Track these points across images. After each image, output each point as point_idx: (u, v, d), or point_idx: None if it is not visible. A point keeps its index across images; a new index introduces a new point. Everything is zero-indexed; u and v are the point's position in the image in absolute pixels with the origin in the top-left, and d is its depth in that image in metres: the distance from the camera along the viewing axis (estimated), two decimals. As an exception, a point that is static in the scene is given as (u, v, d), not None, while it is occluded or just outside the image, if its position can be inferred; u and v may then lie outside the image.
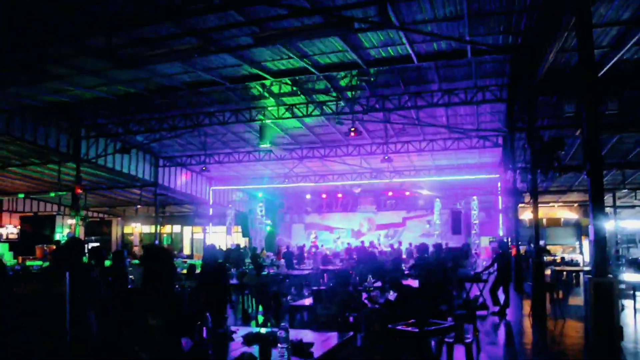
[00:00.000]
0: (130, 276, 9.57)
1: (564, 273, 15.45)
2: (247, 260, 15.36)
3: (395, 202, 28.58)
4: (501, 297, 10.54)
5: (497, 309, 10.30)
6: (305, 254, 20.90)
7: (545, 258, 15.24)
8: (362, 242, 23.32)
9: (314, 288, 7.55)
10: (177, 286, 9.06)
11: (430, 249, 10.23)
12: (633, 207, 23.84)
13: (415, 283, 8.75)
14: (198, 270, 12.51)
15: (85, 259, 4.76)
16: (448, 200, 27.06)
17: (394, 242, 25.76)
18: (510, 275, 11.97)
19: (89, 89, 13.29)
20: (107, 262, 8.59)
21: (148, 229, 29.34)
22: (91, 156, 17.31)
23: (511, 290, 11.95)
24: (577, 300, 12.24)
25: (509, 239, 15.50)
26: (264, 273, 10.10)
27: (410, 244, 22.79)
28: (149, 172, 20.79)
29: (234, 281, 10.44)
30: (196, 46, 9.30)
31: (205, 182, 25.10)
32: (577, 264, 17.00)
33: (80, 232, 18.10)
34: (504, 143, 16.41)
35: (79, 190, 17.02)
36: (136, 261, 14.75)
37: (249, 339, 3.73)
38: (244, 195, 28.16)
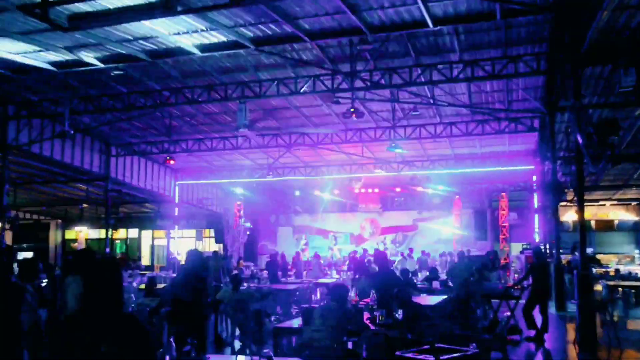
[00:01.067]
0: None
1: (620, 289, 15.47)
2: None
3: (404, 200, 28.92)
4: (538, 318, 10.59)
5: (532, 333, 10.37)
6: (290, 266, 21.04)
7: (594, 270, 15.31)
8: (365, 250, 23.44)
9: (304, 306, 7.65)
10: (132, 306, 9.14)
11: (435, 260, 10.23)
12: None
13: (427, 300, 8.81)
14: (161, 285, 12.57)
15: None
16: (470, 198, 27.24)
17: (404, 249, 25.94)
18: (549, 291, 12.03)
19: (17, 55, 13.09)
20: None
21: (97, 233, 29.30)
22: (22, 142, 17.14)
23: (551, 310, 12.01)
24: (638, 324, 12.27)
25: (547, 246, 15.64)
26: (242, 287, 10.27)
27: (423, 252, 22.95)
28: (98, 163, 20.70)
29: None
30: (158, 5, 9.25)
31: (170, 175, 25.23)
32: (636, 278, 16.96)
33: (7, 238, 18.02)
34: (541, 126, 16.49)
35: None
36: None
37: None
38: (219, 191, 28.26)
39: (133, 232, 30.69)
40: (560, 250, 14.53)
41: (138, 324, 2.98)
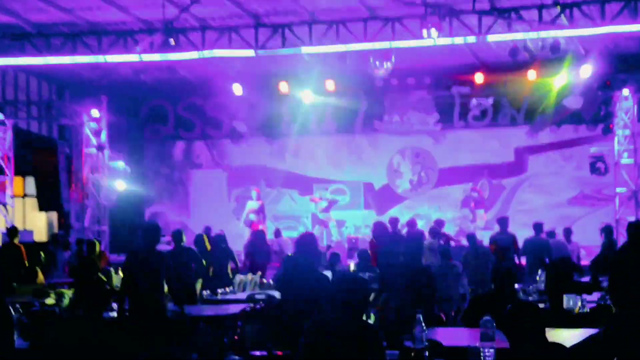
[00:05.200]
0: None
1: None
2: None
3: (494, 104, 29.66)
4: None
5: None
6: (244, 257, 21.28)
7: None
8: (411, 220, 23.79)
9: (258, 355, 8.64)
10: None
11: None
12: None
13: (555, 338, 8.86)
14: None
15: None
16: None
17: (489, 220, 26.61)
18: None
19: None
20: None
21: None
22: None
23: None
24: None
25: None
26: (108, 314, 11.62)
27: (536, 227, 22.73)
28: None
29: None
30: None
31: None
32: None
33: None
34: None
35: None
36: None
37: None
38: (46, 87, 28.52)
39: None
40: None
41: None
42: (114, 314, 14.40)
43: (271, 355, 9.64)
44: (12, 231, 21.03)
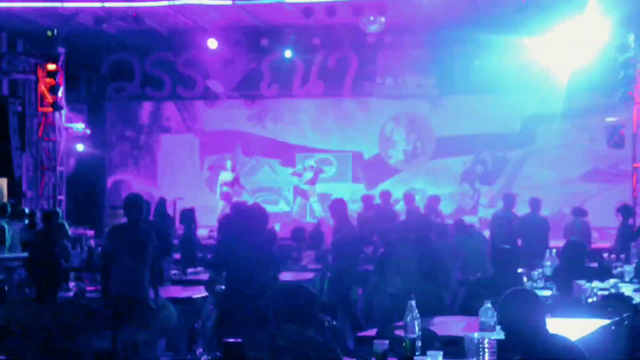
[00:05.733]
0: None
1: None
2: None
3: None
4: None
5: None
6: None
7: None
8: (409, 195, 23.96)
9: (230, 342, 7.79)
10: None
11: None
12: None
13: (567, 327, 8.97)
14: None
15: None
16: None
17: (483, 199, 26.21)
18: None
19: None
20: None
21: None
22: None
23: None
24: None
25: None
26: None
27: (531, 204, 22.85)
28: None
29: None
30: None
31: None
32: None
33: None
34: None
35: None
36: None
37: None
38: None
39: None
40: None
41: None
42: (70, 294, 14.31)
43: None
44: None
